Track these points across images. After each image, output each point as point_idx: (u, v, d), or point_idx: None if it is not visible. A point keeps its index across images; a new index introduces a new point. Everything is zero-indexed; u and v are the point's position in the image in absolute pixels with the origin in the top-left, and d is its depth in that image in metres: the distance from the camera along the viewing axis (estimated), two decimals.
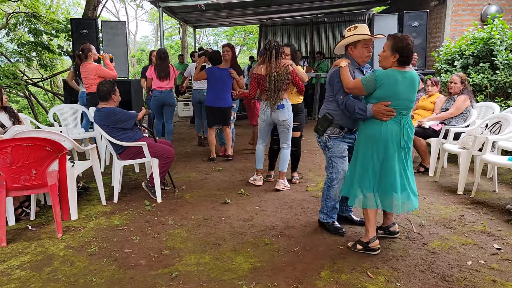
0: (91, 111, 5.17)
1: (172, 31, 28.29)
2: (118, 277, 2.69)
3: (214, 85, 5.68)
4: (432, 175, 5.02)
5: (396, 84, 2.82)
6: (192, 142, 7.52)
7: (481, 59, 6.38)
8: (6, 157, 3.09)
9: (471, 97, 5.13)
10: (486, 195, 4.30)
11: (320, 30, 15.15)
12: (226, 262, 2.88)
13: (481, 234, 3.30)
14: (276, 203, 4.11)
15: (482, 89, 6.27)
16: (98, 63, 6.10)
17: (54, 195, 3.35)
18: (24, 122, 4.33)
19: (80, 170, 4.01)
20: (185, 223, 3.62)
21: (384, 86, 2.83)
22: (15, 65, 10.51)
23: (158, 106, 6.54)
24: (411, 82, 2.87)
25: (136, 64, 27.20)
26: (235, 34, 26.49)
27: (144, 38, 36.01)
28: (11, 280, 2.66)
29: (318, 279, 2.64)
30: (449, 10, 7.80)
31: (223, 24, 16.70)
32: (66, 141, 3.83)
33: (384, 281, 2.60)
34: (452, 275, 2.67)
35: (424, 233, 3.33)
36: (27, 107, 13.62)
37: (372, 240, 2.98)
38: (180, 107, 10.90)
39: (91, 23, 8.10)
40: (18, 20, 10.95)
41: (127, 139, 4.14)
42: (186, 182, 4.90)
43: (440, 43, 7.86)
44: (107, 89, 4.11)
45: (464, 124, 5.02)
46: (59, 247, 3.14)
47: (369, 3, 11.85)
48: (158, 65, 6.41)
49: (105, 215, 3.83)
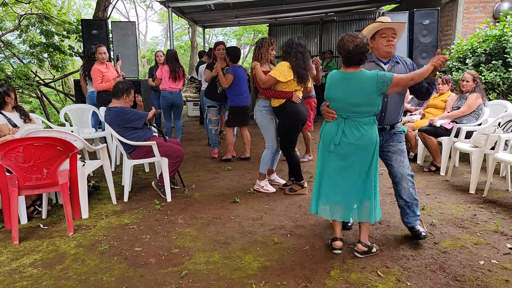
0: (102, 111, 5.22)
1: (181, 31, 28.40)
2: (128, 275, 2.70)
3: (239, 83, 5.55)
4: (444, 174, 4.96)
5: (332, 86, 2.84)
6: (201, 141, 7.54)
7: (494, 57, 6.29)
8: (18, 156, 3.13)
9: (483, 95, 5.06)
10: (498, 194, 4.23)
11: (329, 29, 15.07)
12: (235, 261, 2.88)
13: (494, 234, 3.25)
14: (286, 202, 4.10)
15: (494, 87, 6.18)
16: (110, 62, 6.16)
17: (65, 194, 3.39)
18: (36, 122, 4.38)
19: (91, 169, 4.05)
20: (194, 222, 3.63)
21: (327, 86, 2.87)
22: (27, 66, 10.65)
23: (167, 106, 6.60)
24: (351, 84, 2.72)
25: (146, 64, 27.39)
26: (244, 34, 26.48)
27: (154, 39, 36.30)
28: (23, 278, 2.69)
29: (327, 278, 2.63)
30: (460, 7, 7.70)
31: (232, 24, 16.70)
32: (77, 141, 3.87)
33: (395, 281, 2.58)
34: (464, 274, 2.64)
35: (435, 233, 3.29)
36: (39, 107, 13.80)
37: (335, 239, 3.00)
38: (190, 107, 10.95)
39: (101, 24, 8.16)
40: (30, 22, 11.08)
41: (137, 138, 4.16)
42: (196, 181, 4.92)
43: (451, 41, 7.77)
44: (122, 88, 4.14)
45: (476, 123, 4.95)
46: (70, 246, 3.17)
47: (379, 1, 11.74)
48: (171, 65, 6.44)
49: (115, 214, 3.85)
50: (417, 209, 3.14)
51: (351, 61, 2.73)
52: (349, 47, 2.68)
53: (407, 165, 3.09)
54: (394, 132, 3.10)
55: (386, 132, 3.09)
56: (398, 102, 3.08)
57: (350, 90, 2.73)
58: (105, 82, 5.72)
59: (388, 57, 3.03)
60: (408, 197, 3.08)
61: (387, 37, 2.93)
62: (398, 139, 3.11)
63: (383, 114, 3.03)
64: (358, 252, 2.91)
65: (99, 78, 5.72)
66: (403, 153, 3.09)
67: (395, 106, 3.06)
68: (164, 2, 8.67)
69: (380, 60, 3.03)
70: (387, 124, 3.07)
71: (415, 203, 3.11)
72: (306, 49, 4.06)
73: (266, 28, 18.96)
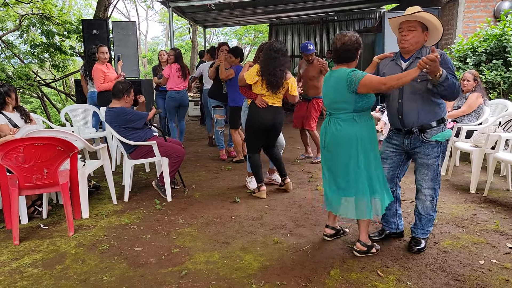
0: (102, 111, 5.22)
1: (182, 31, 28.40)
2: (128, 275, 2.71)
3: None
4: (444, 174, 4.95)
5: (324, 83, 2.94)
6: (202, 141, 7.55)
7: (494, 56, 6.29)
8: (18, 156, 3.14)
9: (484, 94, 5.06)
10: (499, 193, 4.23)
11: (330, 28, 15.08)
12: (235, 261, 2.88)
13: (494, 233, 3.25)
14: (286, 202, 4.10)
15: (495, 86, 6.18)
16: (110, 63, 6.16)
17: (65, 194, 3.39)
18: (36, 122, 4.38)
19: (91, 169, 4.06)
20: (194, 221, 3.63)
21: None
22: (28, 66, 10.65)
23: (174, 107, 6.49)
24: (332, 82, 2.82)
25: (147, 64, 27.40)
26: (245, 34, 26.48)
27: (154, 39, 36.30)
28: (23, 278, 2.70)
29: (327, 278, 2.63)
30: (461, 6, 7.69)
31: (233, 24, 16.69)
32: (78, 141, 3.87)
33: (395, 280, 2.58)
34: (464, 274, 2.64)
35: (435, 232, 3.29)
36: (40, 107, 13.81)
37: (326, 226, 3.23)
38: (191, 106, 10.94)
39: (102, 24, 8.17)
40: (31, 22, 11.09)
41: (137, 138, 4.17)
42: (196, 181, 4.92)
43: (452, 40, 7.76)
44: (122, 88, 4.14)
45: (476, 122, 4.95)
46: (70, 245, 3.17)
47: (379, 1, 11.74)
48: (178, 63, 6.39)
49: (115, 213, 3.86)
50: (428, 225, 2.99)
51: (338, 59, 2.83)
52: (337, 45, 2.78)
53: (432, 178, 2.86)
54: (424, 139, 2.79)
55: (414, 136, 2.83)
56: (422, 101, 2.75)
57: (330, 87, 2.84)
58: (107, 82, 5.72)
59: (407, 53, 2.78)
60: (422, 210, 2.96)
61: (402, 30, 2.75)
62: (426, 151, 2.81)
63: (400, 116, 2.83)
64: (357, 252, 2.91)
65: (102, 78, 5.72)
66: (431, 167, 2.82)
67: (416, 106, 2.76)
68: (165, 2, 8.68)
69: (402, 57, 2.83)
70: (410, 127, 2.81)
71: (429, 218, 2.96)
72: (281, 53, 3.97)
73: (266, 28, 18.96)
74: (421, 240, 2.99)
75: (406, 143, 2.88)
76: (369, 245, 2.92)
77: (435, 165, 2.83)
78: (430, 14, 2.63)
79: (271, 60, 3.96)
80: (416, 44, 2.73)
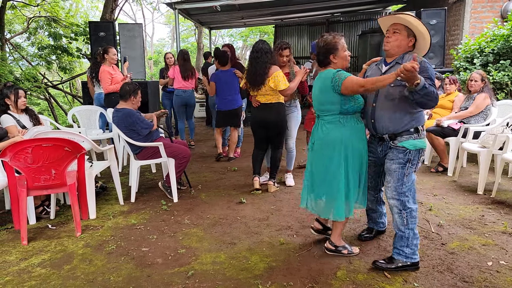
0: (110, 113, 5.25)
1: (188, 33, 28.51)
2: (135, 276, 2.72)
3: (222, 88, 5.67)
4: (451, 175, 4.93)
5: (313, 85, 2.94)
6: (207, 142, 7.56)
7: (502, 56, 6.25)
8: (27, 157, 3.17)
9: (491, 95, 5.03)
10: (507, 195, 4.20)
11: (335, 29, 15.04)
12: (241, 261, 2.88)
13: (502, 235, 3.22)
14: (292, 203, 4.10)
15: (502, 87, 6.13)
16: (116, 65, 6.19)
17: (73, 194, 3.41)
18: (44, 123, 4.42)
19: (98, 170, 4.08)
20: (201, 222, 3.64)
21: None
22: (35, 68, 10.77)
23: (181, 105, 6.69)
24: (319, 83, 2.83)
25: (153, 66, 27.51)
26: (250, 35, 26.53)
27: (160, 40, 36.45)
28: (31, 278, 2.72)
29: (334, 279, 2.62)
30: (468, 7, 7.65)
31: (238, 25, 16.72)
32: (85, 142, 3.90)
33: (402, 282, 2.57)
34: (471, 276, 2.62)
35: (442, 233, 3.27)
36: (47, 109, 13.92)
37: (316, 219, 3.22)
38: (196, 107, 10.97)
39: (108, 26, 8.22)
40: (39, 24, 11.21)
41: (144, 139, 4.19)
42: (202, 182, 4.93)
43: (459, 41, 7.72)
44: (129, 90, 4.16)
45: (484, 123, 4.92)
46: (78, 246, 3.19)
47: (385, 1, 11.70)
48: (182, 65, 6.57)
49: (122, 214, 3.88)
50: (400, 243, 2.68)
51: (319, 61, 2.87)
52: (319, 47, 2.81)
53: (396, 187, 2.64)
54: (391, 145, 2.68)
55: (385, 144, 2.72)
56: (393, 107, 2.62)
57: (317, 88, 2.86)
58: (114, 84, 5.76)
59: (390, 56, 2.69)
60: (394, 223, 2.73)
61: (388, 33, 2.67)
62: (391, 155, 2.68)
63: (373, 121, 2.72)
64: (326, 249, 2.98)
65: (109, 80, 5.75)
66: (393, 173, 2.64)
67: (387, 112, 2.64)
68: (171, 4, 8.73)
69: (385, 61, 2.73)
70: (382, 133, 2.70)
71: (400, 234, 2.68)
72: (261, 52, 4.01)
73: (272, 29, 18.97)
74: (394, 260, 2.71)
75: (379, 151, 2.79)
76: (338, 246, 2.92)
77: (398, 172, 2.63)
78: (416, 20, 2.53)
79: (252, 61, 4.13)
80: (397, 48, 2.62)
